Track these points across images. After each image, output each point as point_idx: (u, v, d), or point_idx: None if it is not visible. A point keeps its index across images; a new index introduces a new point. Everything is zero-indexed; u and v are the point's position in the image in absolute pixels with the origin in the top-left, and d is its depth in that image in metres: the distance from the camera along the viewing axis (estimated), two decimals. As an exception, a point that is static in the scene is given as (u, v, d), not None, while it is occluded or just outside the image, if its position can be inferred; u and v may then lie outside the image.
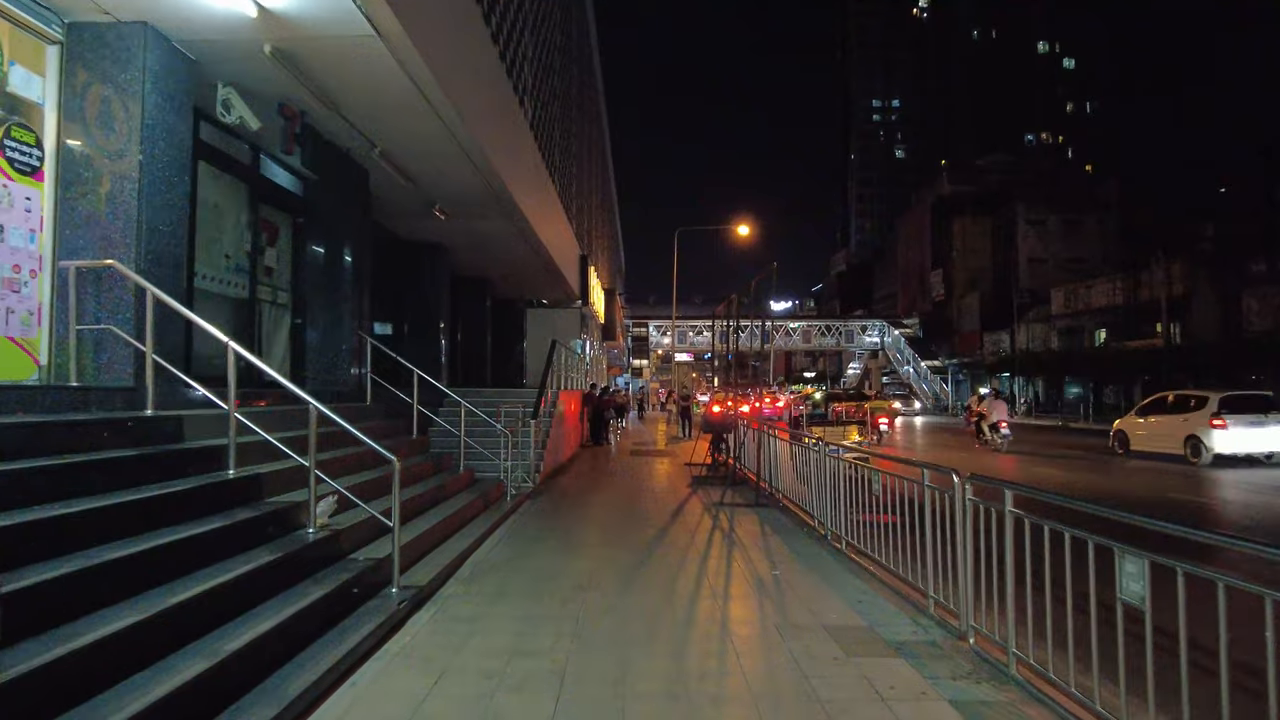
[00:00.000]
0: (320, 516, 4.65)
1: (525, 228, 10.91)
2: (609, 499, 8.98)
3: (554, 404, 11.94)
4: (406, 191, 8.89)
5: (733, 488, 9.81)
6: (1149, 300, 31.80)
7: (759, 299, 9.93)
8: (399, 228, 11.03)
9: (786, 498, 8.41)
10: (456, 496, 7.40)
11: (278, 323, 8.00)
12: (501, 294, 16.93)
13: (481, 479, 8.81)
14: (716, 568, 5.60)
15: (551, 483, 10.32)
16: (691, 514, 7.96)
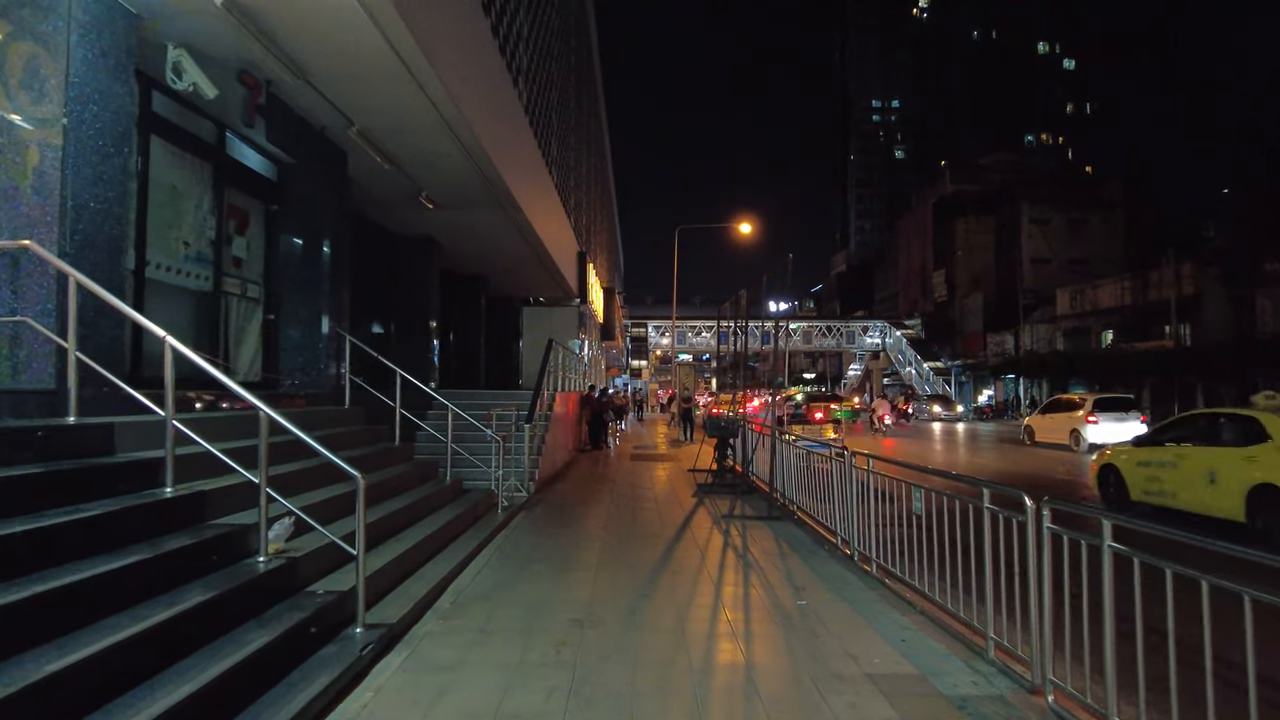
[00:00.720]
0: (274, 541, 3.97)
1: (520, 219, 10.23)
2: (609, 510, 8.31)
3: (550, 406, 11.26)
4: (390, 177, 8.22)
5: (741, 497, 9.14)
6: (1158, 301, 31.21)
7: (769, 295, 9.27)
8: (386, 219, 10.35)
9: (802, 510, 7.74)
10: (442, 510, 6.72)
11: (248, 318, 7.33)
12: (497, 292, 16.26)
13: (472, 489, 8.14)
14: (733, 596, 4.93)
15: (548, 491, 9.64)
16: (700, 528, 7.28)
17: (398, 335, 11.06)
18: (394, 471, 6.84)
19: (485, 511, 7.53)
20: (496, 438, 7.57)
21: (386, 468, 6.85)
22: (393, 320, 11.11)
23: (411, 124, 6.81)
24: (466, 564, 5.59)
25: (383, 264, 10.94)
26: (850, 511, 5.95)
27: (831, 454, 6.48)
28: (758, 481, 9.82)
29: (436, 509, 6.75)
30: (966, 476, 4.66)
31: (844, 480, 6.09)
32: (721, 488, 9.95)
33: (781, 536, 6.90)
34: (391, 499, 6.15)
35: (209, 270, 6.51)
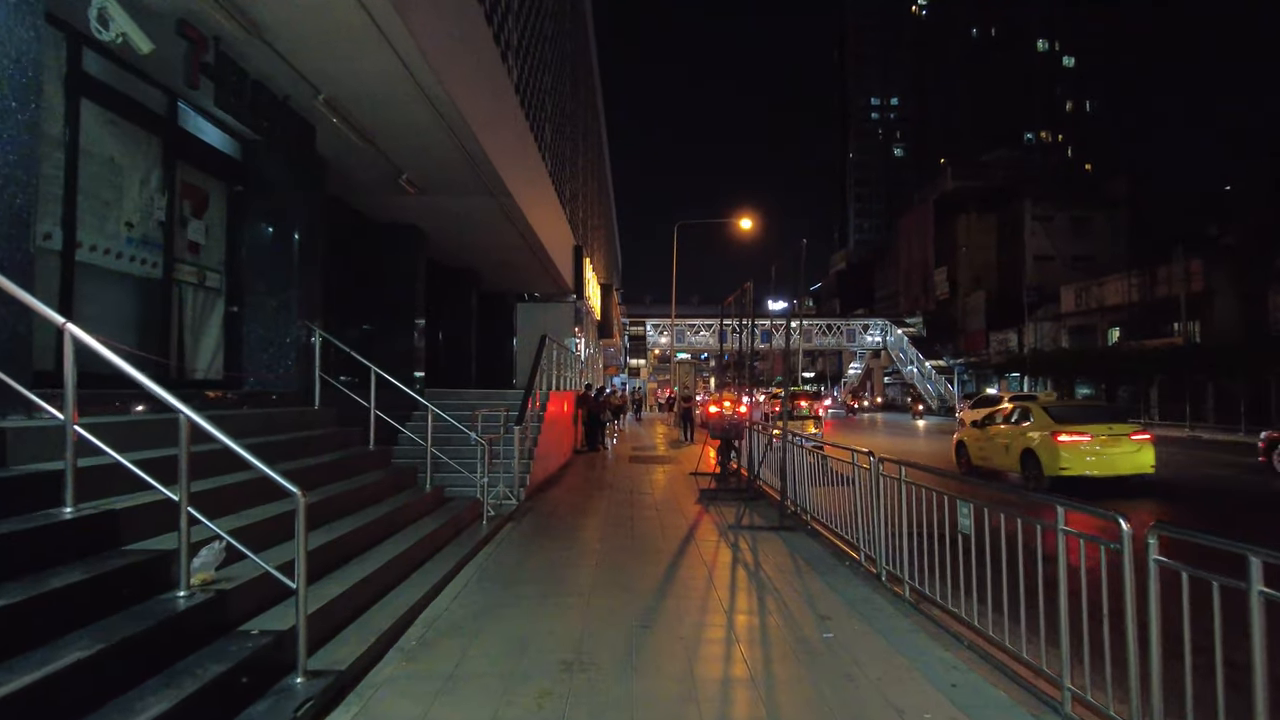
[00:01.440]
0: (200, 570, 3.30)
1: (511, 207, 9.55)
2: (606, 519, 7.63)
3: (543, 407, 10.59)
4: (367, 158, 7.53)
5: (748, 504, 8.47)
6: (1166, 298, 30.63)
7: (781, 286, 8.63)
8: (366, 205, 9.67)
9: (817, 520, 7.07)
10: (419, 523, 6.03)
11: (207, 310, 6.64)
12: (490, 287, 15.57)
13: (455, 497, 7.46)
14: (749, 627, 4.26)
15: (539, 498, 8.96)
16: (705, 540, 6.61)
17: (380, 331, 10.37)
18: (366, 480, 6.15)
19: (469, 523, 6.85)
20: (481, 441, 6.89)
21: (356, 475, 6.16)
22: (375, 315, 10.42)
23: (384, 93, 6.13)
24: (442, 587, 4.91)
25: (363, 254, 10.25)
26: (876, 525, 5.28)
27: (855, 460, 5.81)
28: (765, 488, 9.15)
29: (413, 521, 6.07)
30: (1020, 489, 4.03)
31: (870, 489, 5.43)
32: (726, 493, 9.29)
33: (796, 550, 6.23)
34: (359, 512, 5.46)
35: (157, 255, 5.82)
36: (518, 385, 14.51)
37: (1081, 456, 9.71)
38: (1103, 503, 3.45)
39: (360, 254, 10.22)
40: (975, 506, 3.94)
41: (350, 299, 10.00)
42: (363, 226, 10.13)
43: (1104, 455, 9.78)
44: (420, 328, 10.92)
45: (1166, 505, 9.13)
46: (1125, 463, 9.85)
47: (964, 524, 4.01)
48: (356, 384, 7.31)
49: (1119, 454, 9.85)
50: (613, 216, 41.31)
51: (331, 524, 4.85)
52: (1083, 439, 9.80)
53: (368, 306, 10.38)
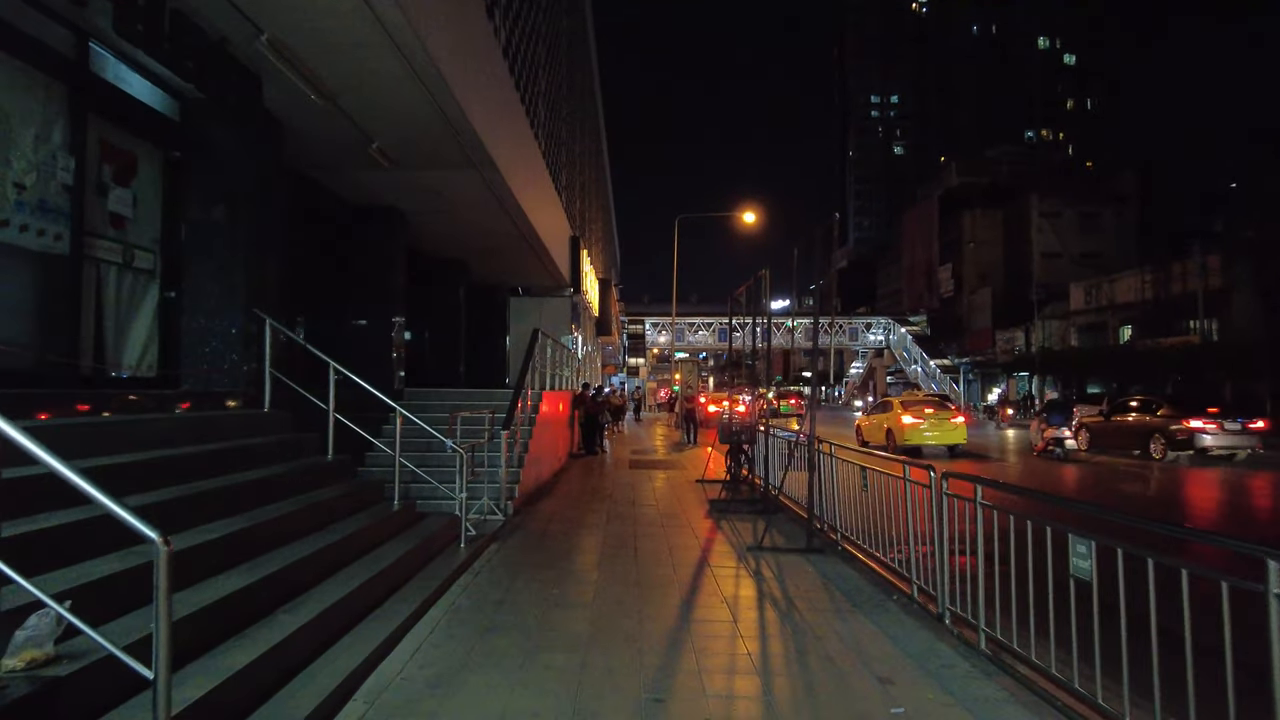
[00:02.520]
0: (24, 649, 2.30)
1: (498, 184, 8.56)
2: (605, 540, 6.64)
3: (536, 408, 9.59)
4: (328, 120, 6.53)
5: (765, 518, 7.50)
6: (1181, 295, 29.70)
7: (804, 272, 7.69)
8: (337, 184, 8.67)
9: (851, 540, 6.08)
10: (379, 550, 5.04)
11: (135, 296, 5.64)
12: (480, 279, 14.57)
13: (431, 514, 6.47)
14: (793, 697, 3.27)
15: (530, 512, 7.97)
16: (722, 567, 5.63)
17: (355, 326, 9.39)
18: (318, 496, 5.16)
19: (444, 546, 5.85)
20: (459, 450, 5.88)
21: (307, 491, 5.17)
22: (349, 308, 9.42)
23: (341, 35, 5.14)
24: (399, 638, 3.91)
25: (336, 240, 9.27)
26: (939, 554, 4.30)
27: (908, 474, 4.82)
28: (785, 500, 8.18)
29: (374, 547, 5.07)
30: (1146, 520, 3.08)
31: (929, 510, 4.44)
32: (739, 505, 8.30)
33: (831, 580, 5.25)
34: (304, 538, 4.47)
35: (62, 226, 4.80)
36: (510, 385, 13.51)
37: (919, 432, 14.97)
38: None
39: (332, 240, 9.24)
40: (1097, 545, 2.96)
41: (321, 290, 9.02)
42: (335, 209, 9.13)
43: (932, 431, 15.11)
44: (400, 322, 9.92)
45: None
46: (946, 437, 15.15)
47: (1082, 566, 3.02)
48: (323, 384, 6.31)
49: (941, 431, 15.14)
50: (611, 212, 40.32)
51: (258, 560, 3.85)
52: (919, 421, 15.08)
53: (341, 298, 9.39)
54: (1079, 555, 3.04)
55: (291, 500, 4.90)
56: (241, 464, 4.96)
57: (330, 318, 9.21)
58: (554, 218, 13.68)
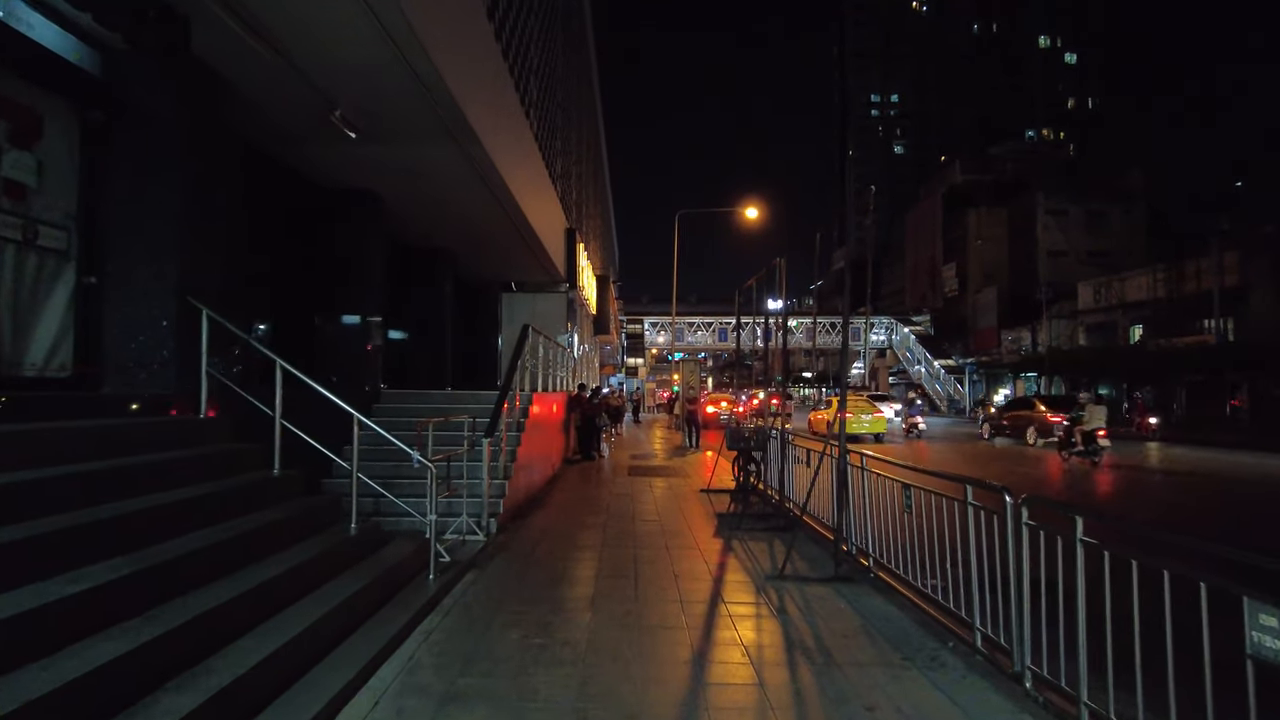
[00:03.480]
0: None
1: (483, 161, 7.68)
2: (601, 566, 5.76)
3: (525, 412, 8.72)
4: (280, 79, 5.65)
5: (781, 536, 6.65)
6: (1195, 293, 28.87)
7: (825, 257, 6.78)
8: (299, 161, 7.79)
9: (886, 568, 5.22)
10: (327, 587, 4.16)
11: (44, 280, 4.76)
12: (469, 273, 13.70)
13: (402, 536, 5.59)
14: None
15: (517, 529, 7.08)
16: (739, 603, 4.75)
17: (325, 323, 8.50)
18: (256, 521, 4.28)
19: (412, 576, 4.97)
20: (426, 463, 4.99)
21: (243, 515, 4.29)
22: (318, 302, 8.53)
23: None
24: (334, 714, 3.03)
25: (302, 226, 8.38)
26: (1016, 596, 3.43)
27: (970, 496, 3.94)
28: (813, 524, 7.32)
29: (323, 582, 4.19)
30: None
31: (1003, 544, 3.57)
32: (751, 520, 7.42)
33: (871, 620, 4.37)
34: (232, 575, 3.60)
35: (-68, 192, 3.93)
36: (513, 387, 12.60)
37: (850, 423, 16.49)
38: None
39: (301, 227, 8.35)
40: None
41: (289, 283, 8.14)
42: (302, 192, 8.25)
43: (860, 422, 19.41)
44: (378, 319, 9.03)
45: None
46: (870, 427, 20.01)
47: (1267, 644, 2.15)
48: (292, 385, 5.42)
49: (867, 422, 19.84)
50: (610, 209, 39.44)
51: (160, 610, 2.98)
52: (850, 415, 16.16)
53: (311, 293, 8.50)
54: (1264, 629, 2.16)
55: (221, 527, 4.02)
56: (162, 482, 4.09)
57: (299, 314, 8.33)
58: (548, 206, 12.81)
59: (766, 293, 9.14)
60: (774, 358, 12.49)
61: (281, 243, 8.07)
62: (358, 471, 5.05)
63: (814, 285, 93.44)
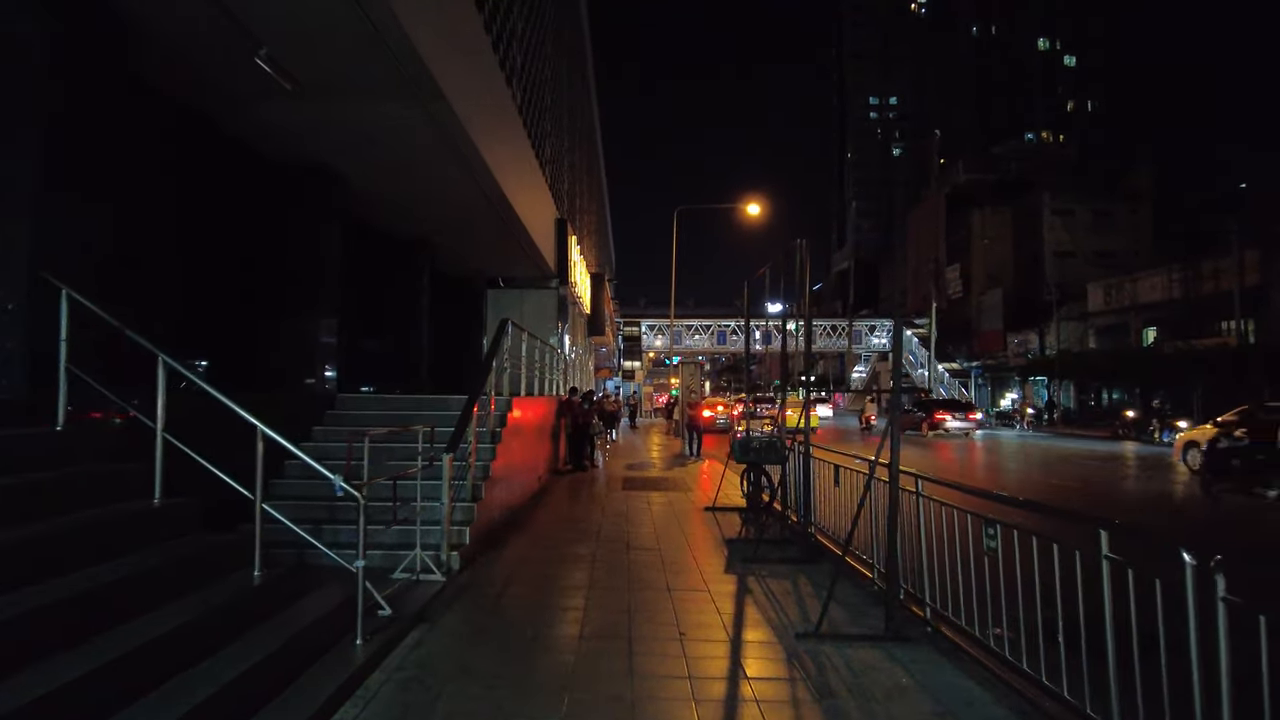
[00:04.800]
0: None
1: (452, 125, 6.52)
2: (587, 616, 4.57)
3: (503, 420, 7.54)
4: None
5: (803, 569, 5.50)
6: (1212, 294, 27.84)
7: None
8: (239, 125, 6.61)
9: (949, 621, 4.05)
10: (207, 665, 2.97)
11: None
12: (449, 266, 12.53)
13: (337, 581, 4.38)
14: None
15: (486, 563, 5.89)
16: (766, 679, 3.58)
17: (269, 311, 7.31)
18: (114, 572, 3.09)
19: (340, 636, 3.78)
20: (351, 490, 3.79)
21: (95, 565, 3.10)
22: (262, 292, 7.34)
23: None
24: None
25: (249, 206, 7.20)
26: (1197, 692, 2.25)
27: (1105, 546, 2.78)
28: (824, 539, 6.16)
29: (203, 656, 3.01)
30: None
31: (1174, 627, 2.40)
32: (768, 549, 6.23)
33: (952, 708, 3.20)
34: (67, 651, 2.40)
35: None
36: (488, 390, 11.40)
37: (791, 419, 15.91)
38: None
39: (245, 206, 7.17)
40: None
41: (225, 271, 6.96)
42: (247, 166, 7.07)
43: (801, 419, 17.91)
44: (332, 313, 7.84)
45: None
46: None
47: None
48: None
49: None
50: (605, 209, 38.31)
51: None
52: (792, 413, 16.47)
53: (254, 282, 7.31)
54: None
55: (60, 583, 2.84)
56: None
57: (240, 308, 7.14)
58: (535, 193, 11.65)
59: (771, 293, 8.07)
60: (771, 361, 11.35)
61: (222, 225, 6.89)
62: (256, 496, 3.85)
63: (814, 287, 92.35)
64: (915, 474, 4.47)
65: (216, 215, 6.71)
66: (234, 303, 6.98)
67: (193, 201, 6.31)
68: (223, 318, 6.77)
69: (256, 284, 7.22)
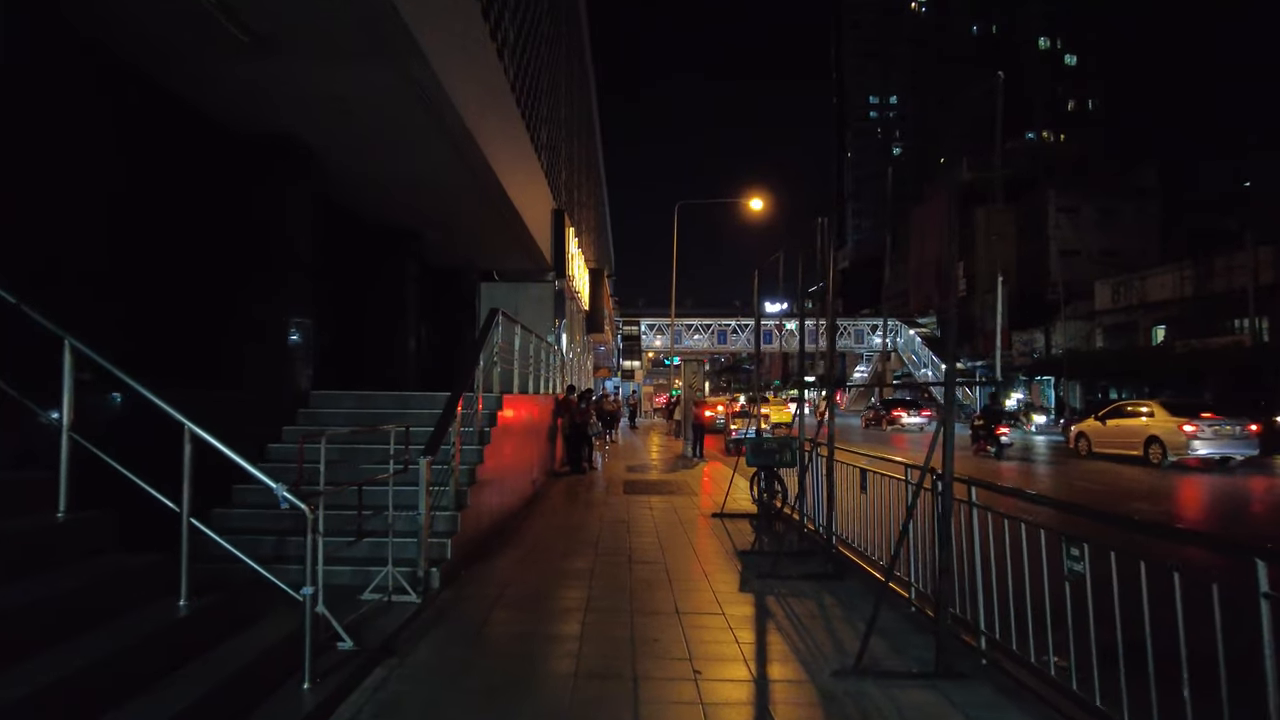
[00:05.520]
0: None
1: (432, 89, 5.86)
2: (584, 649, 3.92)
3: (492, 419, 6.89)
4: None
5: (828, 585, 4.85)
6: (1225, 292, 27.22)
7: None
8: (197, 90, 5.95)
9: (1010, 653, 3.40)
10: (123, 711, 2.32)
11: None
12: (439, 257, 11.87)
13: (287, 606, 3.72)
14: None
15: (470, 580, 5.23)
16: (803, 731, 2.92)
17: (232, 300, 6.64)
18: None
19: (282, 680, 3.12)
20: (298, 503, 3.13)
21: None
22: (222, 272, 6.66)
23: None
24: None
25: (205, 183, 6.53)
26: None
27: (1262, 583, 2.12)
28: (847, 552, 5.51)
29: (103, 714, 2.35)
30: None
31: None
32: (788, 563, 5.57)
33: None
34: None
35: None
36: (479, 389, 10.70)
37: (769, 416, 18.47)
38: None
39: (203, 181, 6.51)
40: None
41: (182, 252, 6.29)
42: (204, 136, 6.40)
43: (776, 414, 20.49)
44: (304, 301, 7.18)
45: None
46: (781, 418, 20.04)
47: None
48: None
49: (779, 414, 20.62)
50: (604, 204, 37.66)
51: None
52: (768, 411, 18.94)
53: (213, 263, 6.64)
54: None
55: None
56: None
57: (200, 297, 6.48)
58: (530, 179, 11.00)
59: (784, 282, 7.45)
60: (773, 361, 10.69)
61: (176, 202, 6.23)
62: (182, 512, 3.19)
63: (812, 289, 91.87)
64: (969, 481, 3.82)
65: (169, 191, 6.04)
66: (194, 291, 6.32)
67: (141, 176, 5.64)
68: (180, 307, 6.10)
69: (217, 270, 6.55)
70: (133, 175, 5.53)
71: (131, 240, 5.48)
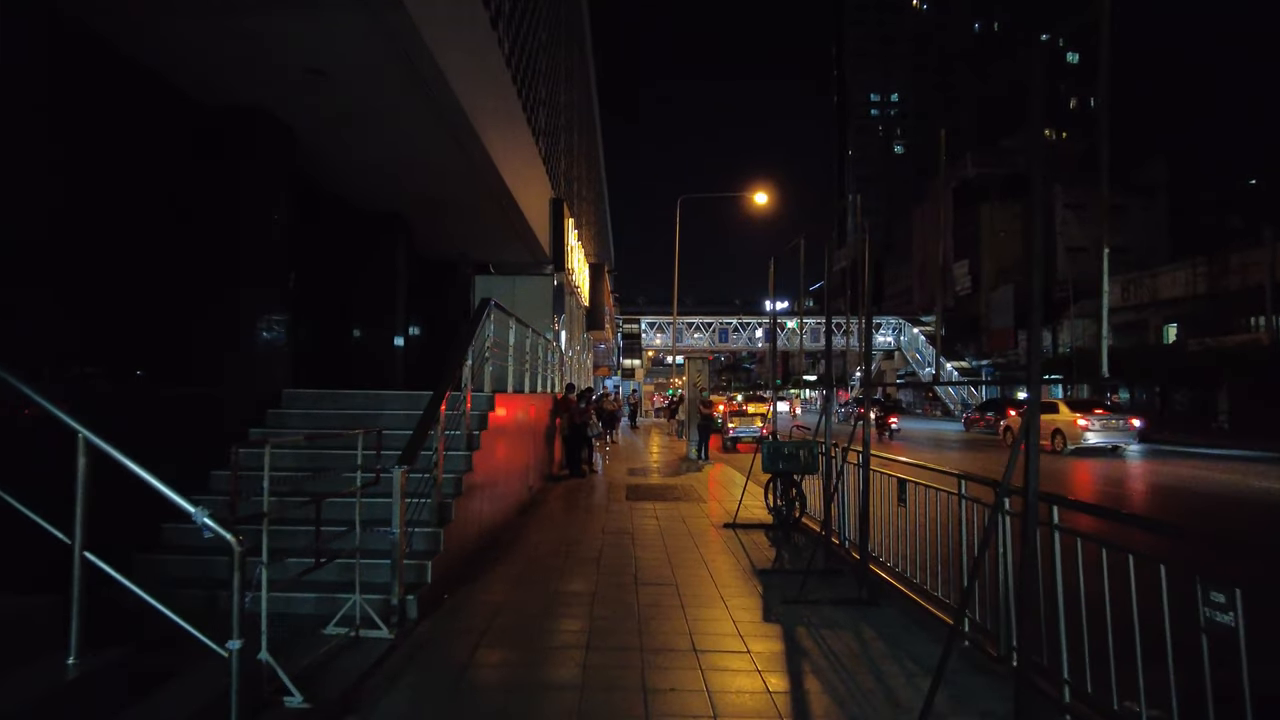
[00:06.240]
0: None
1: (415, 46, 5.19)
2: (586, 693, 3.25)
3: (483, 421, 6.23)
4: None
5: (865, 613, 4.20)
6: (1240, 289, 26.58)
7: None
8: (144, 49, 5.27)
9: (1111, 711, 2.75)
10: None
11: None
12: (430, 248, 11.20)
13: (215, 661, 3.05)
14: None
15: (453, 608, 4.56)
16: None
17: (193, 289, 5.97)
18: None
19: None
20: (217, 529, 2.47)
21: None
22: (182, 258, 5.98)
23: None
24: None
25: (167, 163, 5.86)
26: None
27: None
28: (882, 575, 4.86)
29: None
30: None
31: None
32: (815, 584, 4.90)
33: None
34: None
35: None
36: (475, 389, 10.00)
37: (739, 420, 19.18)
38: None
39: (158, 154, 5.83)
40: None
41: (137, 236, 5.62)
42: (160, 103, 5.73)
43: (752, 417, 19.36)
44: (275, 290, 6.51)
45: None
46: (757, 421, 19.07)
47: None
48: None
49: (755, 416, 19.29)
50: (605, 200, 36.96)
51: None
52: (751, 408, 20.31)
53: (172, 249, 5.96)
54: None
55: None
56: None
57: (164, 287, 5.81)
58: (527, 165, 10.33)
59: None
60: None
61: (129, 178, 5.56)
62: (74, 538, 2.52)
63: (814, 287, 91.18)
64: (1050, 498, 3.16)
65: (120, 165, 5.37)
66: (153, 279, 5.65)
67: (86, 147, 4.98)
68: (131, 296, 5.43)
69: (177, 256, 5.87)
70: (75, 146, 4.86)
71: (72, 216, 4.81)
